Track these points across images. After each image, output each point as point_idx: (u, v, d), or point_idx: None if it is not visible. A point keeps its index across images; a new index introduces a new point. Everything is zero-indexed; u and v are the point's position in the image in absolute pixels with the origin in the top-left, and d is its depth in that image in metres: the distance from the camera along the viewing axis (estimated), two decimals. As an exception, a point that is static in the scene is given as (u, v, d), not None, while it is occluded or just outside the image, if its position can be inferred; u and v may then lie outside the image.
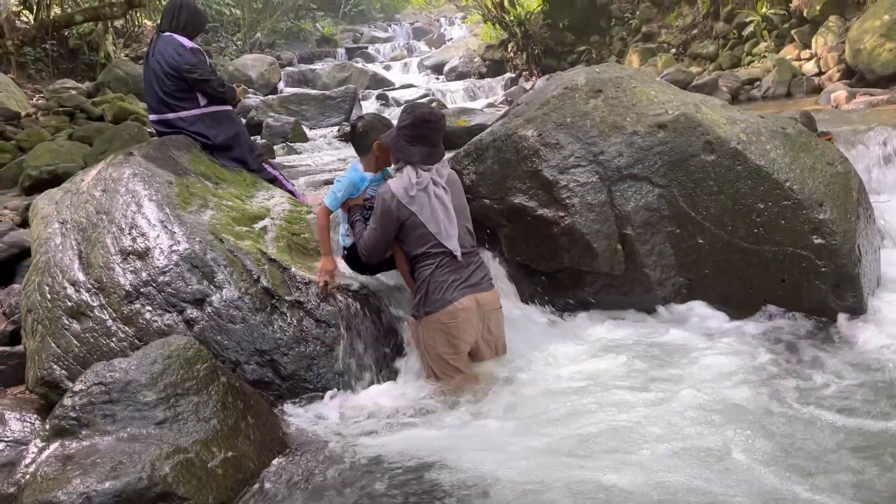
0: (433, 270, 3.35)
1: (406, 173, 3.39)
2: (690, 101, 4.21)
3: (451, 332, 3.34)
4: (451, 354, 3.36)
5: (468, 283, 3.38)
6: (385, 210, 3.37)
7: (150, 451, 2.44)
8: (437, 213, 3.35)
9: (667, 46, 14.66)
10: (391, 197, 3.35)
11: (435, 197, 3.36)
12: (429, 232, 3.34)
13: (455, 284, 3.35)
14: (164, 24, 4.76)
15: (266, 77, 17.66)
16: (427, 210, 3.34)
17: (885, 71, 9.29)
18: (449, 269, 3.36)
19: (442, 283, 3.34)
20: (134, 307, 3.41)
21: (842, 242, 3.69)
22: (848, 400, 2.90)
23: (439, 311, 3.33)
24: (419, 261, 3.39)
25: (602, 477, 2.45)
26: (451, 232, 3.38)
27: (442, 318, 3.33)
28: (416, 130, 3.41)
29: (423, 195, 3.34)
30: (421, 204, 3.34)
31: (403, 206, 3.33)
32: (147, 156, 4.14)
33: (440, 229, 3.35)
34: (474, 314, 3.38)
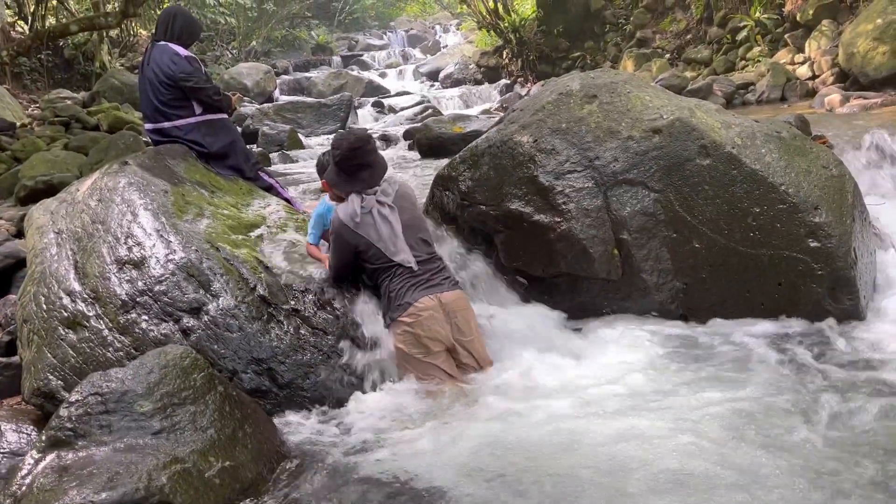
0: (390, 280, 3.50)
1: (350, 200, 3.56)
2: (685, 105, 4.22)
3: (416, 330, 3.42)
4: (423, 353, 3.42)
5: (427, 285, 3.50)
6: (337, 237, 3.55)
7: (146, 461, 2.42)
8: (383, 233, 3.50)
9: (661, 52, 14.72)
10: (340, 224, 3.52)
11: (380, 217, 3.52)
12: (380, 251, 3.50)
13: (413, 287, 3.47)
14: (159, 33, 4.77)
15: (262, 85, 17.71)
16: (374, 232, 3.50)
17: (878, 74, 9.33)
18: (406, 276, 3.50)
19: (400, 289, 3.47)
20: (130, 317, 3.40)
21: (837, 245, 3.70)
22: (843, 402, 2.90)
23: (402, 315, 3.44)
24: (379, 275, 3.54)
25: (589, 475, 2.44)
26: (398, 247, 3.51)
27: (405, 320, 3.43)
28: (350, 161, 3.57)
29: (369, 218, 3.51)
30: (367, 227, 3.50)
31: (352, 232, 3.49)
32: (142, 165, 4.14)
33: (388, 247, 3.50)
34: (437, 311, 3.46)
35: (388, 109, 15.33)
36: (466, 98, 17.02)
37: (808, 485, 2.36)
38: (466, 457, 2.74)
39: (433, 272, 3.57)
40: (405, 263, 3.49)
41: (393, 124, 13.25)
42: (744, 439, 2.66)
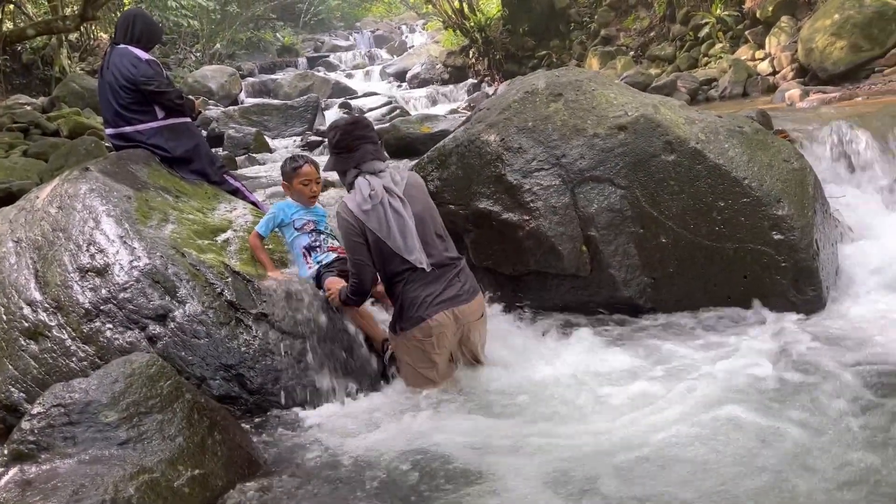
0: (405, 286, 3.26)
1: (358, 187, 3.32)
2: (649, 102, 4.26)
3: (426, 348, 3.28)
4: (427, 368, 3.32)
5: (444, 297, 3.25)
6: (347, 227, 3.29)
7: (113, 472, 2.37)
8: (393, 228, 3.23)
9: (626, 49, 14.86)
10: (348, 212, 3.28)
11: (391, 209, 3.25)
12: (390, 248, 3.24)
13: (429, 300, 3.23)
14: (119, 36, 4.67)
15: (227, 88, 17.51)
16: (384, 226, 3.23)
17: (836, 69, 9.53)
18: (421, 283, 3.24)
19: (415, 299, 3.24)
20: (94, 325, 3.33)
21: (800, 237, 3.76)
22: (805, 392, 2.96)
23: (413, 329, 3.26)
24: (393, 279, 3.31)
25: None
26: (410, 244, 3.24)
27: (416, 335, 3.26)
28: (351, 134, 3.40)
29: (379, 209, 3.24)
30: (378, 219, 3.23)
31: (362, 224, 3.25)
32: (104, 170, 4.05)
33: (398, 243, 3.23)
34: (450, 329, 3.27)
35: (355, 110, 15.25)
36: (434, 98, 17.02)
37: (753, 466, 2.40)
38: (438, 457, 2.74)
39: (451, 277, 3.30)
40: (417, 263, 3.23)
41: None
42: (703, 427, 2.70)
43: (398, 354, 3.43)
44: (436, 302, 3.23)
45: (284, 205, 3.89)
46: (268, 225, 3.83)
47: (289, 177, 3.88)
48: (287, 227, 3.84)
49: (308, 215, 3.87)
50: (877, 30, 9.36)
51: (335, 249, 3.82)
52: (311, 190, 3.87)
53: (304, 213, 3.86)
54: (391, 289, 3.36)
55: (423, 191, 3.50)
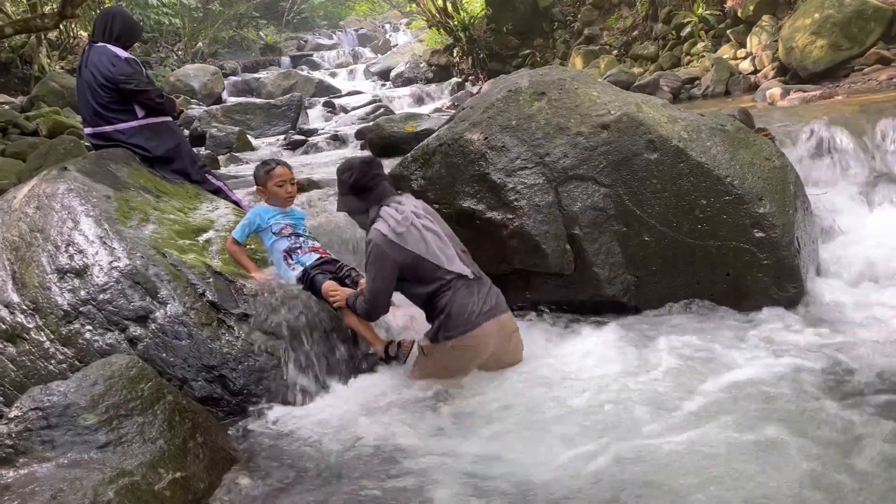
0: (452, 295, 3.30)
1: (386, 215, 3.33)
2: (632, 101, 4.27)
3: (469, 355, 3.33)
4: (462, 374, 3.35)
5: (489, 306, 3.34)
6: (379, 255, 3.29)
7: (92, 476, 2.34)
8: (431, 243, 3.31)
9: (609, 48, 14.90)
10: (383, 240, 3.28)
11: (423, 228, 3.33)
12: (432, 263, 3.30)
13: (478, 308, 3.30)
14: (97, 34, 4.62)
15: (209, 87, 17.38)
16: (422, 244, 3.30)
17: (816, 67, 9.59)
18: (466, 291, 3.32)
19: (464, 307, 3.29)
20: (73, 327, 3.29)
21: (781, 235, 3.79)
22: (786, 388, 2.98)
23: (463, 336, 3.28)
24: (436, 293, 3.32)
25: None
26: (450, 255, 3.35)
27: (465, 342, 3.29)
28: (368, 174, 3.42)
29: (413, 230, 3.30)
30: (414, 239, 3.29)
31: (399, 247, 3.27)
32: (83, 170, 4.00)
33: (440, 257, 3.31)
34: (494, 338, 3.36)
35: (339, 109, 15.19)
36: (418, 97, 16.98)
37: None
38: (422, 457, 2.73)
39: (489, 289, 3.42)
40: (461, 271, 3.32)
41: (344, 124, 13.14)
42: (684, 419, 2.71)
43: (429, 359, 3.38)
44: (483, 311, 3.32)
45: (261, 210, 3.85)
46: (244, 231, 3.79)
47: (263, 180, 3.86)
48: (265, 233, 3.81)
49: (285, 219, 3.84)
50: (856, 29, 9.44)
51: (317, 250, 3.81)
52: (286, 191, 3.85)
53: (282, 217, 3.83)
54: (431, 303, 3.36)
55: (437, 216, 3.58)
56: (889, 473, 2.32)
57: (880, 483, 2.28)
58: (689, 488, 2.33)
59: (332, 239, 4.37)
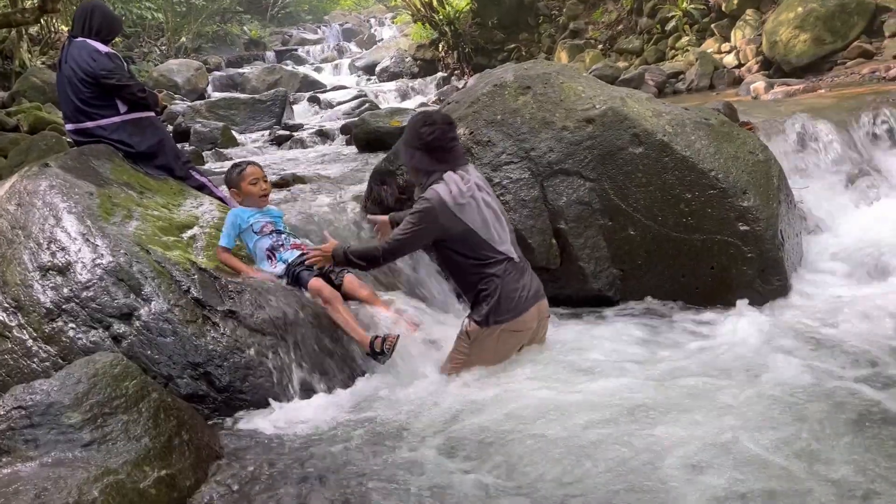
0: (502, 279, 3.28)
1: (450, 180, 3.27)
2: (617, 95, 4.28)
3: (512, 342, 3.35)
4: (501, 361, 3.34)
5: (533, 292, 3.37)
6: (428, 214, 3.23)
7: (76, 475, 2.32)
8: (489, 219, 3.28)
9: (594, 42, 14.93)
10: (440, 203, 3.22)
11: (483, 203, 3.30)
12: (484, 240, 3.27)
13: (525, 294, 3.32)
14: (77, 28, 4.56)
15: (193, 82, 17.24)
16: (479, 219, 3.26)
17: (800, 61, 9.67)
18: (515, 275, 3.31)
19: (513, 292, 3.28)
20: (56, 325, 3.26)
21: (765, 228, 3.82)
22: (768, 381, 3.00)
23: (512, 321, 3.29)
24: (485, 271, 3.29)
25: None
26: (503, 236, 3.33)
27: (514, 327, 3.31)
28: (447, 138, 3.33)
29: (473, 203, 3.26)
30: (471, 212, 3.25)
31: (454, 216, 3.23)
32: (65, 166, 3.96)
33: (494, 235, 3.29)
34: (535, 322, 3.40)
35: (324, 104, 15.12)
36: (403, 91, 16.94)
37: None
38: (406, 453, 2.73)
39: (531, 274, 3.42)
40: (509, 254, 3.30)
41: (329, 119, 13.09)
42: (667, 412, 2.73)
43: (477, 345, 3.34)
44: (529, 296, 3.34)
45: (239, 211, 3.83)
46: (230, 236, 3.77)
47: (235, 182, 3.85)
48: (246, 233, 3.79)
49: (264, 217, 3.83)
50: (839, 23, 9.52)
51: (299, 247, 3.80)
52: (260, 188, 3.84)
53: (260, 216, 3.82)
54: (478, 282, 3.32)
55: (492, 192, 3.54)
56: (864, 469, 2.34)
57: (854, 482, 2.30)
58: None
59: (316, 233, 4.34)
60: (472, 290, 3.39)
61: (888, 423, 2.59)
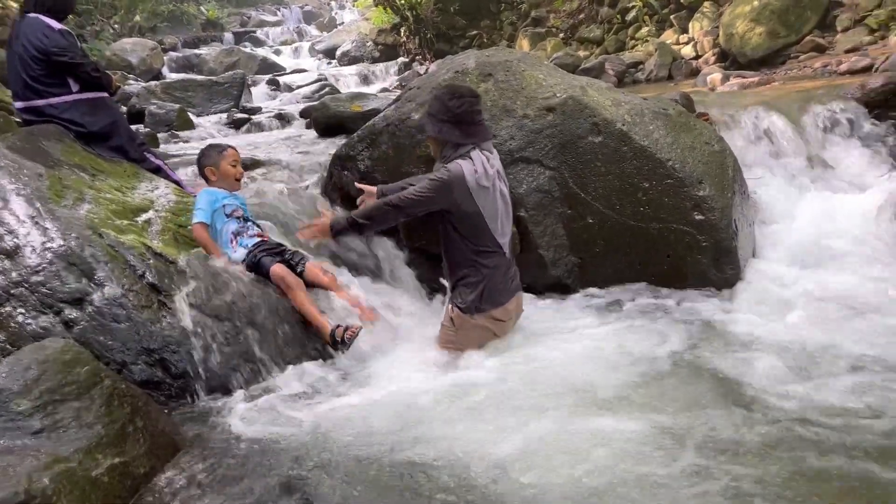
0: (492, 271, 3.36)
1: (477, 160, 3.29)
2: (577, 84, 4.31)
3: (495, 329, 3.44)
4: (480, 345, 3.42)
5: (515, 284, 3.49)
6: (445, 186, 3.24)
7: (26, 462, 2.27)
8: (499, 210, 3.33)
9: (555, 31, 14.98)
10: (460, 179, 3.24)
11: (500, 194, 3.34)
12: (487, 227, 3.31)
13: (508, 285, 3.43)
14: (29, 4, 4.42)
15: (148, 62, 16.82)
16: (491, 206, 3.31)
17: (755, 54, 9.84)
18: (503, 268, 3.40)
19: (498, 283, 3.39)
20: (4, 310, 3.16)
21: (720, 218, 3.89)
22: (712, 367, 3.08)
23: (494, 310, 3.39)
24: (478, 257, 3.35)
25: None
26: (506, 229, 3.40)
27: (497, 316, 3.40)
28: (474, 111, 3.35)
29: (492, 189, 3.29)
30: (486, 198, 3.29)
31: (470, 196, 3.25)
32: (13, 147, 3.84)
33: (498, 226, 3.35)
34: (514, 313, 3.53)
35: (283, 87, 14.90)
36: (364, 76, 16.80)
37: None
38: (364, 436, 2.74)
39: (515, 268, 3.54)
40: (505, 248, 3.40)
41: (289, 102, 12.90)
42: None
43: (462, 331, 3.43)
44: (511, 287, 3.45)
45: (213, 190, 3.80)
46: (207, 211, 3.70)
47: (215, 160, 3.83)
48: (217, 214, 3.76)
49: (235, 201, 3.83)
50: (793, 17, 9.71)
51: (259, 235, 3.80)
52: (238, 171, 3.88)
53: (231, 199, 3.82)
54: (466, 265, 3.37)
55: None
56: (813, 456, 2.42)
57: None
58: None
59: (271, 219, 4.31)
60: (457, 271, 3.44)
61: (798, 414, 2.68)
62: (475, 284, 3.37)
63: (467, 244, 3.37)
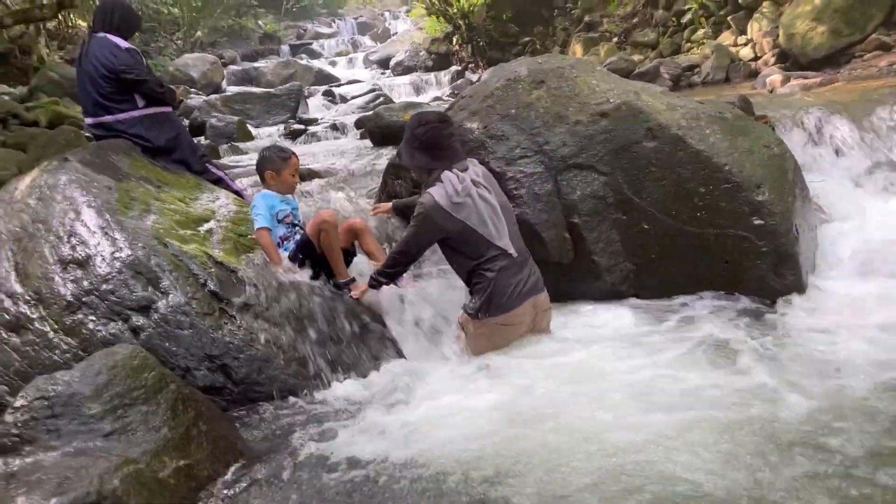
0: (497, 273, 3.37)
1: (447, 180, 3.36)
2: (631, 89, 4.27)
3: (505, 335, 3.44)
4: (499, 349, 3.44)
5: (528, 287, 3.45)
6: (426, 219, 3.35)
7: (97, 464, 2.37)
8: (485, 215, 3.36)
9: (609, 35, 14.86)
10: (434, 207, 3.32)
11: (480, 199, 3.37)
12: (482, 236, 3.35)
13: (518, 289, 3.40)
14: (98, 24, 4.64)
15: (209, 76, 17.36)
16: (475, 215, 3.34)
17: (817, 54, 9.58)
18: (512, 271, 3.39)
19: (505, 288, 3.37)
20: (76, 317, 3.31)
21: (780, 222, 3.80)
22: (779, 379, 2.99)
23: (501, 316, 3.40)
24: (480, 266, 3.40)
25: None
26: (501, 230, 3.39)
27: (503, 321, 3.40)
28: (442, 131, 3.44)
29: (469, 200, 3.34)
30: (468, 210, 3.33)
31: (450, 216, 3.32)
32: (84, 161, 4.02)
33: (491, 231, 3.36)
34: (529, 316, 3.48)
35: (338, 98, 15.19)
36: (417, 85, 16.97)
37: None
38: (428, 444, 2.75)
39: (531, 269, 3.51)
40: (507, 248, 3.38)
41: (343, 113, 13.14)
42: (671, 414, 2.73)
43: (471, 336, 3.49)
44: (523, 292, 3.42)
45: (268, 194, 3.90)
46: (267, 216, 3.80)
47: (278, 166, 3.91)
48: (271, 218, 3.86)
49: (287, 206, 3.92)
50: (857, 14, 9.42)
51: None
52: (295, 180, 3.99)
53: (284, 205, 3.91)
54: (472, 275, 3.45)
55: (497, 186, 3.62)
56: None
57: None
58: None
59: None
60: (467, 281, 3.53)
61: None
62: (482, 290, 3.41)
63: (466, 260, 3.43)
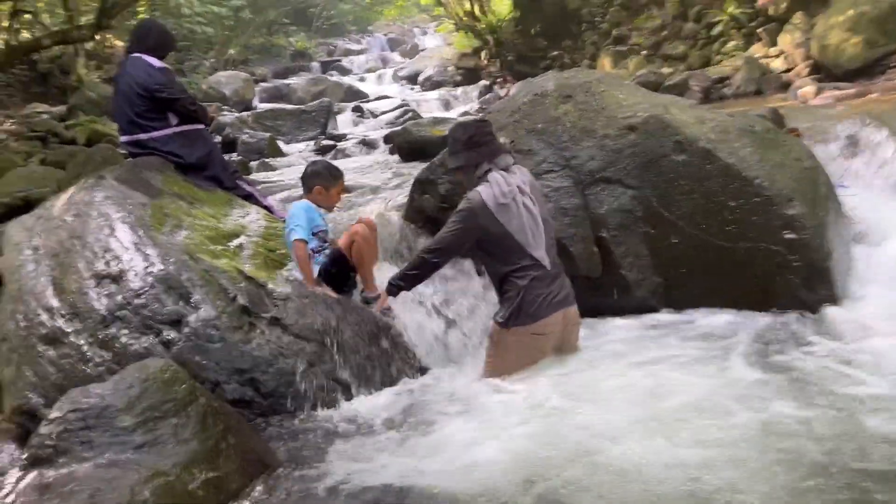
0: (528, 283, 3.35)
1: (494, 181, 3.39)
2: (659, 102, 4.26)
3: (537, 344, 3.41)
4: (529, 364, 3.40)
5: (559, 298, 3.42)
6: (469, 216, 3.37)
7: (128, 476, 2.41)
8: (525, 224, 3.36)
9: (638, 48, 14.81)
10: (481, 205, 3.34)
11: (524, 207, 3.38)
12: (518, 243, 3.35)
13: (549, 299, 3.38)
14: (134, 45, 4.75)
15: (241, 94, 17.64)
16: (516, 221, 3.35)
17: (851, 65, 9.45)
18: (542, 282, 3.37)
19: (537, 297, 3.36)
20: (110, 331, 3.38)
21: (812, 237, 3.74)
22: (809, 393, 2.93)
23: (531, 325, 3.37)
24: (511, 274, 3.38)
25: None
26: (538, 241, 3.39)
27: (533, 331, 3.38)
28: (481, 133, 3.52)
29: (513, 205, 3.35)
30: (510, 215, 3.34)
31: (492, 216, 3.34)
32: (119, 178, 4.12)
33: (528, 240, 3.36)
34: (559, 328, 3.45)
35: (367, 114, 15.32)
36: (446, 100, 17.05)
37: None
38: (456, 458, 2.74)
39: (563, 281, 3.50)
40: (542, 260, 3.37)
41: (373, 128, 13.25)
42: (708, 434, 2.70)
43: (500, 346, 3.45)
44: (554, 302, 3.40)
45: (306, 207, 3.87)
46: (307, 229, 3.78)
47: (329, 183, 3.94)
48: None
49: (322, 222, 3.93)
50: (892, 24, 9.27)
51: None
52: (340, 198, 4.11)
53: (320, 219, 3.93)
54: (503, 283, 3.44)
55: (542, 196, 3.62)
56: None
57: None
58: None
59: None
60: (498, 288, 3.50)
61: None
62: (512, 299, 3.38)
63: (500, 266, 3.41)
